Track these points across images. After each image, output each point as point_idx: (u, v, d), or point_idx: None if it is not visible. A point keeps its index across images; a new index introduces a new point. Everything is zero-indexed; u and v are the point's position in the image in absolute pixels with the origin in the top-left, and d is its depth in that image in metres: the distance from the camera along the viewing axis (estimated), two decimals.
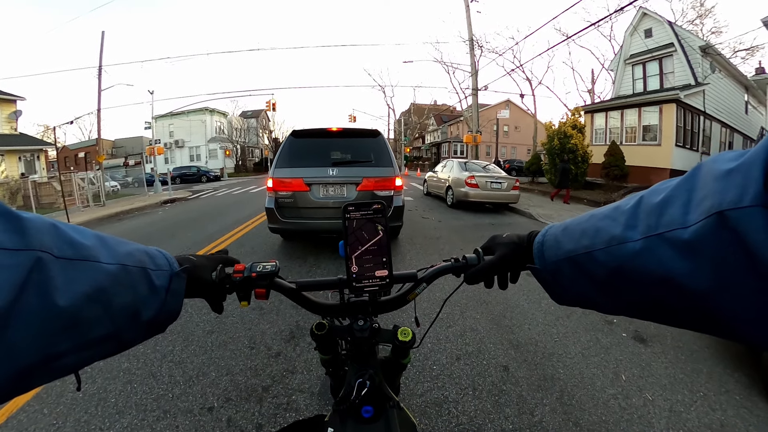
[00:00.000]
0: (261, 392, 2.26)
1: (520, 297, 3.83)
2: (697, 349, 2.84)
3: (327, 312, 0.80)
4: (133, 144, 44.43)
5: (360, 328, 0.75)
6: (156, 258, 0.55)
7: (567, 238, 0.56)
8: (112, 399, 2.20)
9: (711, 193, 0.35)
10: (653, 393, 2.31)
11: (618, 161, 14.22)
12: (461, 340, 2.93)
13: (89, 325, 0.41)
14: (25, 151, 21.52)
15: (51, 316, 0.36)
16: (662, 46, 16.72)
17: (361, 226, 0.73)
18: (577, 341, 2.95)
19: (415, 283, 0.79)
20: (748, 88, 19.32)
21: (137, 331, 0.50)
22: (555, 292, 0.61)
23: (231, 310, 3.42)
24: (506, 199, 10.54)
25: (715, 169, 0.36)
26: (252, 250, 5.72)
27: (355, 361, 0.77)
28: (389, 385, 0.78)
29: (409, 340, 0.79)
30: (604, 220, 0.49)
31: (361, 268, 0.72)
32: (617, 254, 0.45)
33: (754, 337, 0.35)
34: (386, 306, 0.80)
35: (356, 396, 0.69)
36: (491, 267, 0.71)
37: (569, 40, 20.38)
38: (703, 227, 0.35)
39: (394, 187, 5.15)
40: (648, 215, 0.42)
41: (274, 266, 0.75)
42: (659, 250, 0.40)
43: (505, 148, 41.93)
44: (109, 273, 0.44)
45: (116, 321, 0.45)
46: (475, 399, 2.23)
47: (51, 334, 0.37)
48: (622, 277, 0.45)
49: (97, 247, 0.45)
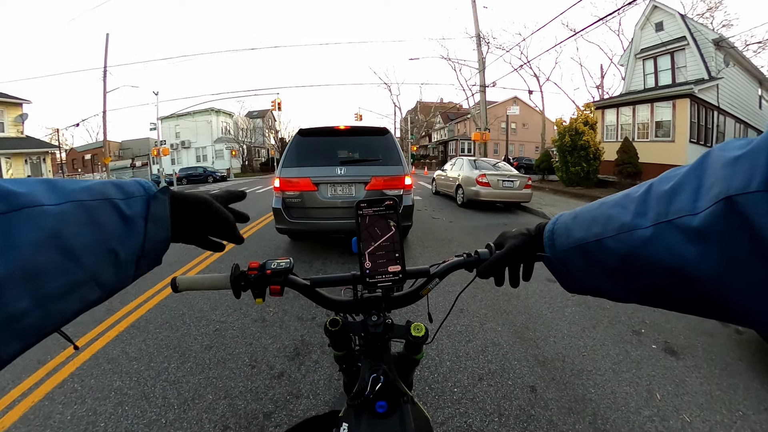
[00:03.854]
0: (262, 420, 2.05)
1: (542, 306, 3.61)
2: (730, 362, 2.67)
3: (340, 308, 0.81)
4: (140, 145, 44.75)
5: (373, 323, 0.76)
6: (126, 186, 0.50)
7: (577, 227, 0.56)
8: (102, 423, 2.02)
9: (719, 180, 0.36)
10: (691, 414, 2.13)
11: (632, 158, 13.92)
12: (483, 357, 2.71)
13: (47, 275, 0.37)
14: (32, 153, 21.64)
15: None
16: (674, 40, 16.39)
17: (374, 223, 0.74)
18: (606, 355, 2.75)
19: (428, 279, 0.80)
20: (762, 82, 18.96)
21: (118, 269, 0.46)
22: (565, 281, 0.61)
23: (231, 322, 3.24)
24: (518, 198, 10.27)
25: (723, 156, 0.37)
26: (256, 254, 5.56)
27: (369, 357, 0.77)
28: (402, 381, 0.77)
29: (422, 335, 0.78)
30: (614, 208, 0.50)
31: (374, 263, 0.74)
32: (627, 241, 0.45)
33: (762, 323, 0.36)
34: (399, 301, 0.81)
35: (370, 391, 0.69)
36: (502, 259, 0.70)
37: (577, 35, 20.06)
38: (711, 213, 0.35)
39: (403, 186, 5.05)
40: (658, 202, 0.43)
41: (288, 263, 0.76)
42: (669, 236, 0.40)
43: (513, 146, 41.57)
44: (57, 214, 0.39)
45: (84, 264, 0.41)
46: (502, 427, 2.01)
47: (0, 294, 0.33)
48: (633, 265, 0.45)
49: (39, 192, 0.40)
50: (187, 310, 3.44)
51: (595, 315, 3.39)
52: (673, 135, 15.05)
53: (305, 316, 3.29)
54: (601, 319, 3.32)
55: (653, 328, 3.17)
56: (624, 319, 3.32)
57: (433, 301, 3.44)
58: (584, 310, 3.49)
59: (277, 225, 5.13)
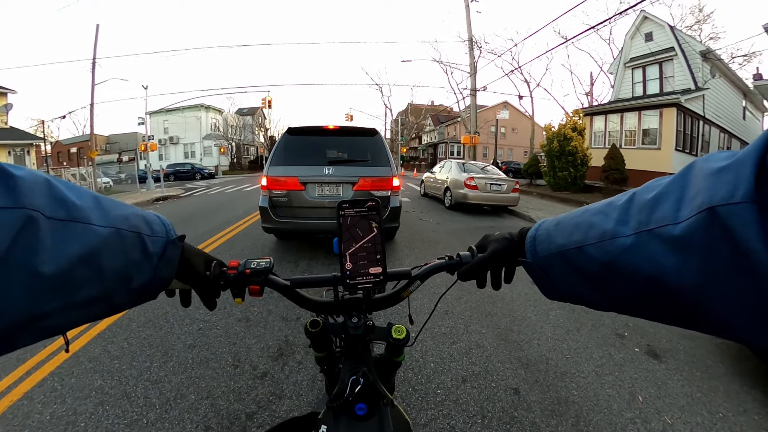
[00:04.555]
0: (244, 420, 2.03)
1: (527, 308, 3.64)
2: (712, 365, 2.72)
3: (321, 309, 0.81)
4: (128, 140, 43.97)
5: (354, 325, 0.76)
6: (153, 224, 0.55)
7: (559, 233, 0.56)
8: (82, 423, 1.98)
9: (702, 190, 0.36)
10: (672, 416, 2.17)
11: (618, 164, 14.13)
12: (467, 359, 2.71)
13: (78, 286, 0.41)
14: (16, 145, 21.19)
15: (38, 276, 0.36)
16: (663, 50, 16.70)
17: (356, 224, 0.73)
18: (590, 358, 2.77)
19: (410, 281, 0.79)
20: (746, 93, 19.39)
21: (128, 295, 0.50)
22: (545, 287, 0.61)
23: (215, 321, 3.20)
24: (506, 202, 10.35)
25: (707, 167, 0.37)
26: (242, 253, 5.50)
27: (349, 359, 0.76)
28: (384, 384, 0.77)
29: (403, 337, 0.78)
30: (596, 215, 0.50)
31: (356, 265, 0.73)
32: (608, 249, 0.45)
33: (740, 334, 0.36)
34: (380, 303, 0.80)
35: (350, 393, 0.68)
36: (483, 263, 0.70)
37: (568, 42, 20.24)
38: (693, 223, 0.36)
39: (391, 187, 5.03)
40: (640, 211, 0.43)
41: (268, 263, 0.75)
42: (650, 245, 0.40)
43: (502, 150, 41.81)
44: (102, 236, 0.44)
45: (106, 284, 0.45)
46: (485, 429, 2.02)
47: (37, 294, 0.37)
48: (613, 272, 0.45)
49: (91, 208, 0.44)
50: (170, 309, 3.39)
51: (579, 318, 3.42)
52: (660, 143, 15.30)
53: (289, 317, 3.26)
54: (585, 322, 3.36)
55: (636, 331, 3.21)
56: (608, 323, 3.35)
57: (418, 303, 3.44)
58: (568, 313, 3.52)
59: (263, 224, 5.08)
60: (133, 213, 0.52)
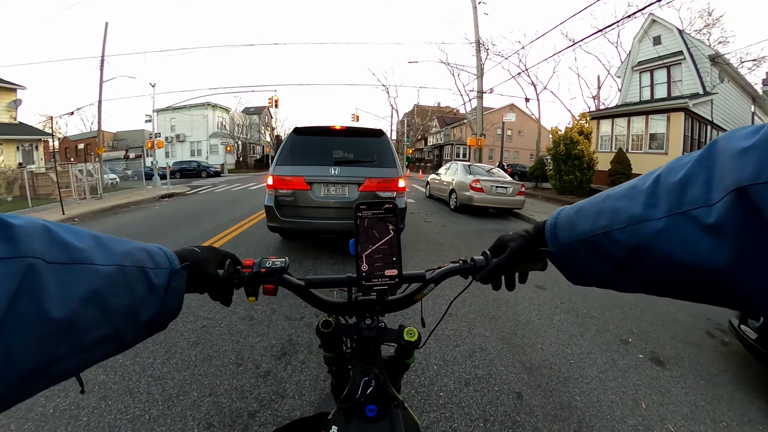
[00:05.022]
0: (246, 418, 2.03)
1: (531, 312, 3.61)
2: (716, 373, 2.70)
3: (334, 310, 0.80)
4: (135, 137, 44.26)
5: (367, 326, 0.75)
6: (156, 256, 0.54)
7: (582, 219, 0.55)
8: (84, 417, 1.99)
9: (730, 170, 0.36)
10: (675, 424, 2.14)
11: (625, 169, 14.05)
12: (470, 362, 2.71)
13: (86, 328, 0.41)
14: (24, 140, 21.31)
15: (45, 322, 0.36)
16: (671, 54, 16.58)
17: (372, 225, 0.74)
18: (593, 363, 2.75)
19: (423, 284, 0.80)
20: (755, 98, 19.19)
21: (137, 331, 0.50)
22: (571, 273, 0.60)
23: (219, 319, 3.21)
24: (511, 205, 10.30)
25: (731, 147, 0.38)
26: (246, 252, 5.52)
27: (360, 360, 0.77)
28: (392, 385, 0.77)
29: (414, 340, 0.78)
30: (621, 200, 0.49)
31: (371, 266, 0.72)
32: (638, 233, 0.45)
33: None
34: (394, 305, 0.81)
35: (361, 395, 0.68)
36: (504, 262, 0.70)
37: (576, 45, 20.18)
38: (725, 204, 0.36)
39: (397, 188, 5.02)
40: (669, 193, 0.43)
41: (283, 262, 0.75)
42: (683, 227, 0.40)
43: (507, 152, 41.68)
44: (105, 275, 0.44)
45: (114, 322, 0.45)
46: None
47: (47, 339, 0.37)
48: (643, 256, 0.45)
49: (92, 248, 0.45)
50: None
51: (584, 323, 3.41)
52: (667, 147, 15.19)
53: (293, 316, 3.26)
54: (589, 327, 3.34)
55: (640, 337, 3.18)
56: (612, 328, 3.33)
57: (424, 306, 3.42)
58: (572, 317, 3.50)
59: (268, 223, 5.08)
60: (135, 247, 0.52)
